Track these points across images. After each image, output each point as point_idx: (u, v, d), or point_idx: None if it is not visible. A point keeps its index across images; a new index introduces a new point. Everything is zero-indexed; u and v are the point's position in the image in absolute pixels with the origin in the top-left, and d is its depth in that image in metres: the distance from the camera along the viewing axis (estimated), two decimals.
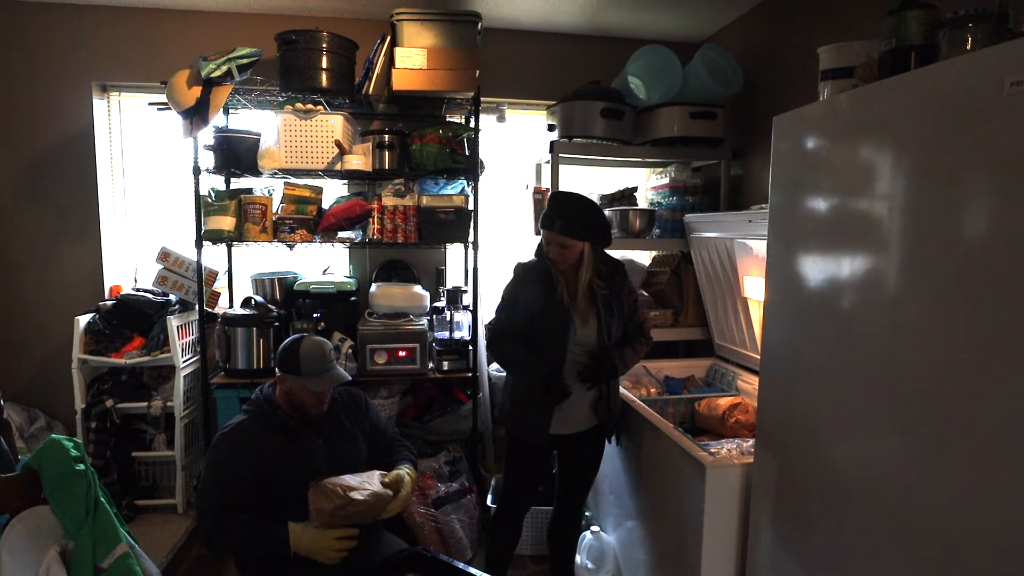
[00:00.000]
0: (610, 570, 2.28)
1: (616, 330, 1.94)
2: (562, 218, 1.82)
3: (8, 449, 1.57)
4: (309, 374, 1.75)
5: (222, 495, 1.67)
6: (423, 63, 2.51)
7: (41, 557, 1.30)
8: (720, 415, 2.23)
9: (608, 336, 1.91)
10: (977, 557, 1.02)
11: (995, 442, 0.98)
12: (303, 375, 1.75)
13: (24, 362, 2.90)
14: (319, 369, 1.76)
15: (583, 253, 1.85)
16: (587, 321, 1.90)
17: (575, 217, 1.83)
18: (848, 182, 1.30)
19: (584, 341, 1.91)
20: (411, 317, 2.72)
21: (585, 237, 1.84)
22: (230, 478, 1.68)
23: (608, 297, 1.90)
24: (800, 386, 1.47)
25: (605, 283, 1.90)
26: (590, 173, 3.24)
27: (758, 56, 2.71)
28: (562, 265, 1.88)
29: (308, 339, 1.81)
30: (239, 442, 1.72)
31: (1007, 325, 0.96)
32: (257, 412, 1.80)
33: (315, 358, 1.77)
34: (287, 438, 1.77)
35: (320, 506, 1.64)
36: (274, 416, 1.78)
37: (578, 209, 1.85)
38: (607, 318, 1.90)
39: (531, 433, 1.95)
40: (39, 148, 2.83)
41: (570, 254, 1.84)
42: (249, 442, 1.72)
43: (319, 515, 1.64)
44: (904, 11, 1.26)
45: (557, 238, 1.83)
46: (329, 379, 1.78)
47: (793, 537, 1.48)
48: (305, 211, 2.66)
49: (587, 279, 1.87)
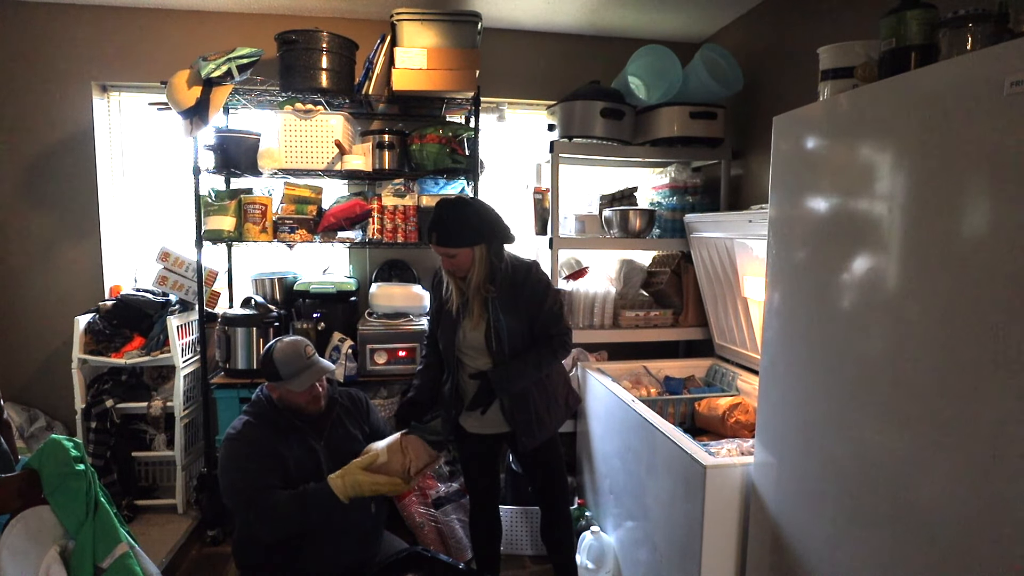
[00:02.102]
0: (610, 570, 2.28)
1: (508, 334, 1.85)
2: (437, 230, 1.78)
3: (8, 449, 1.57)
4: (289, 376, 1.74)
5: (255, 482, 1.66)
6: (423, 63, 2.51)
7: (41, 557, 1.30)
8: (720, 415, 2.23)
9: (497, 338, 1.85)
10: (977, 557, 1.02)
11: (995, 442, 0.98)
12: (284, 379, 1.74)
13: (24, 362, 2.90)
14: (297, 369, 1.75)
15: (475, 258, 1.81)
16: (477, 324, 1.87)
17: (452, 226, 1.77)
18: (848, 182, 1.30)
19: (474, 344, 1.88)
20: (411, 317, 2.72)
21: (466, 243, 1.78)
22: (256, 470, 1.68)
23: (496, 300, 1.84)
24: (800, 386, 1.47)
25: (499, 285, 1.84)
26: (590, 173, 3.24)
27: (758, 56, 2.71)
28: (458, 273, 1.85)
29: (280, 342, 1.80)
30: (254, 441, 1.72)
31: (1007, 325, 0.96)
32: (261, 414, 1.79)
33: (289, 359, 1.75)
34: (292, 439, 1.77)
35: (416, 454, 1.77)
36: (279, 418, 1.78)
37: (455, 217, 1.78)
38: (495, 320, 1.84)
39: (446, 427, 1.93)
40: (39, 148, 2.83)
41: (460, 262, 1.80)
42: (262, 441, 1.72)
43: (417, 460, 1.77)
44: (904, 11, 1.26)
45: (439, 250, 1.80)
46: (310, 375, 1.76)
47: (793, 537, 1.48)
48: (305, 211, 2.66)
49: (476, 283, 1.83)
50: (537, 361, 1.88)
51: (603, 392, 2.41)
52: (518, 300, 1.86)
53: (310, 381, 1.76)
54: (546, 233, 2.79)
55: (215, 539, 2.60)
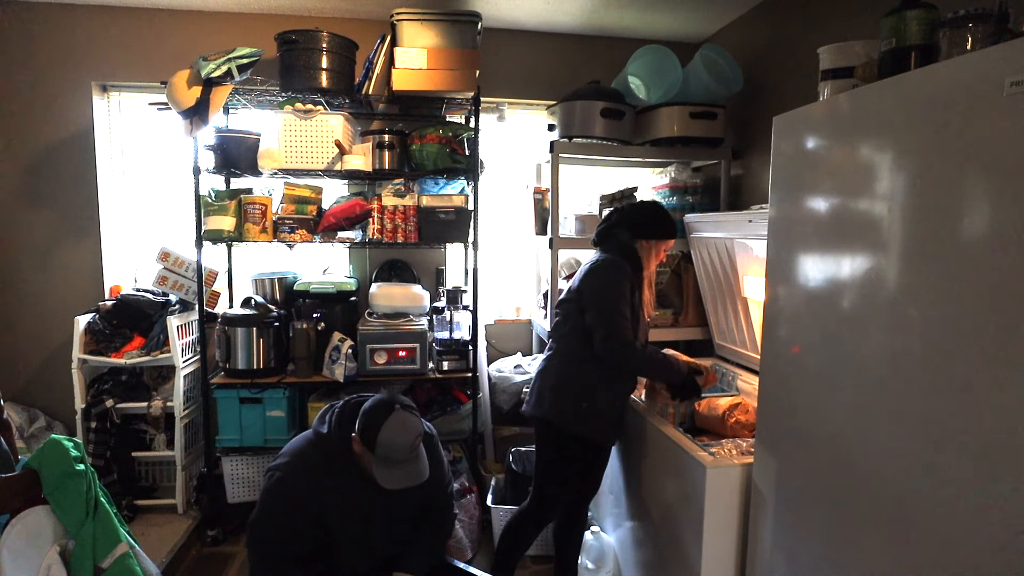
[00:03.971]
0: (610, 570, 2.28)
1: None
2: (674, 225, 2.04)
3: (8, 449, 1.57)
4: (382, 460, 1.51)
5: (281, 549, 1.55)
6: (423, 63, 2.51)
7: (41, 557, 1.31)
8: (720, 415, 2.23)
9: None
10: (977, 556, 1.02)
11: (996, 442, 0.98)
12: (375, 457, 1.52)
13: (24, 362, 2.90)
14: (394, 461, 1.52)
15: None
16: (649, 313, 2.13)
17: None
18: (848, 182, 1.30)
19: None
20: (411, 317, 2.72)
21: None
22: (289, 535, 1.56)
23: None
24: (800, 386, 1.47)
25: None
26: (590, 173, 3.24)
27: (758, 56, 2.71)
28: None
29: (398, 415, 1.53)
30: (299, 492, 1.56)
31: (1008, 325, 0.96)
32: (324, 448, 1.60)
33: (394, 447, 1.51)
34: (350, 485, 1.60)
35: None
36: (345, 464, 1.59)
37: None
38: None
39: (610, 437, 2.06)
40: (39, 148, 2.83)
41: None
42: (310, 491, 1.56)
43: None
44: (904, 11, 1.25)
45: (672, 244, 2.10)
46: (403, 477, 1.53)
47: (793, 537, 1.48)
48: (305, 211, 2.66)
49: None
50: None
51: None
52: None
53: (397, 485, 1.53)
54: (546, 233, 2.79)
55: (215, 539, 2.60)
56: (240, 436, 2.58)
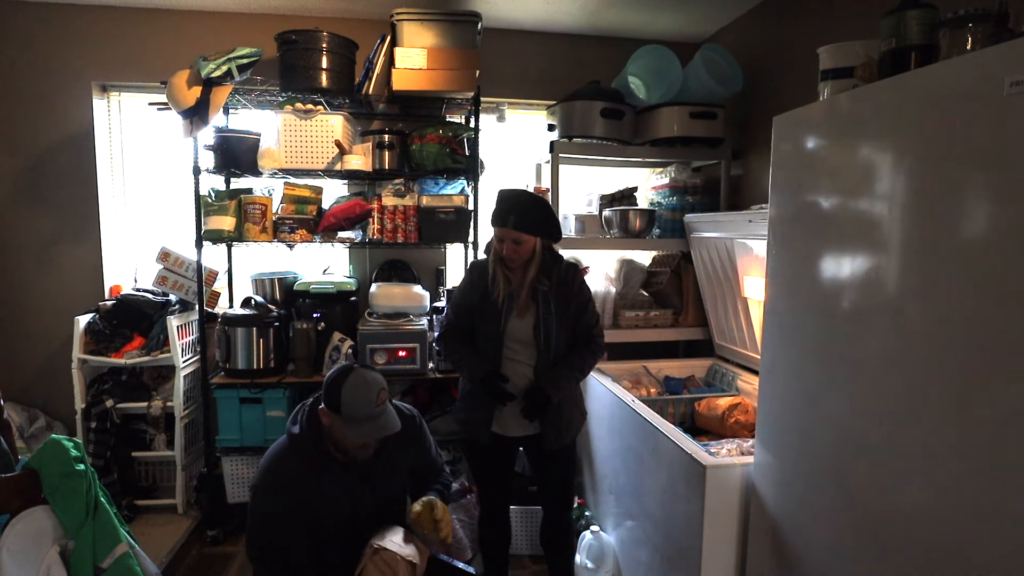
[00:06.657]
0: (610, 570, 2.28)
1: (556, 328, 1.89)
2: (515, 214, 1.80)
3: (8, 449, 1.57)
4: (350, 419, 1.52)
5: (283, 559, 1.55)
6: (423, 63, 2.51)
7: (41, 557, 1.31)
8: (720, 415, 2.23)
9: (545, 331, 1.87)
10: (977, 556, 1.01)
11: (996, 442, 0.98)
12: (343, 418, 1.52)
13: (24, 362, 2.90)
14: (362, 416, 1.52)
15: (534, 249, 1.85)
16: (523, 316, 1.88)
17: (529, 213, 1.81)
18: (848, 182, 1.30)
19: (519, 336, 1.88)
20: (411, 317, 2.71)
21: (538, 232, 1.84)
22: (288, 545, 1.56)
23: (548, 294, 1.87)
24: (800, 386, 1.47)
25: (551, 281, 1.88)
26: (590, 173, 3.24)
27: (758, 56, 2.71)
28: (515, 262, 1.86)
29: (356, 373, 1.55)
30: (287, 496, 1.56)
31: (1008, 324, 0.96)
32: (300, 450, 1.60)
33: (358, 401, 1.52)
34: (333, 479, 1.60)
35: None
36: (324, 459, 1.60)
37: (532, 205, 1.83)
38: (545, 315, 1.87)
39: (474, 430, 1.95)
40: (39, 148, 2.83)
41: (523, 251, 1.83)
42: (296, 494, 1.56)
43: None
44: (904, 11, 1.26)
45: (511, 234, 1.81)
46: (372, 430, 1.54)
47: (793, 537, 1.48)
48: (305, 211, 2.66)
49: (533, 275, 1.86)
50: (581, 364, 1.93)
51: (603, 392, 2.41)
52: (569, 297, 1.91)
53: (369, 437, 1.56)
54: None
55: (215, 539, 2.60)
56: (240, 436, 2.58)
